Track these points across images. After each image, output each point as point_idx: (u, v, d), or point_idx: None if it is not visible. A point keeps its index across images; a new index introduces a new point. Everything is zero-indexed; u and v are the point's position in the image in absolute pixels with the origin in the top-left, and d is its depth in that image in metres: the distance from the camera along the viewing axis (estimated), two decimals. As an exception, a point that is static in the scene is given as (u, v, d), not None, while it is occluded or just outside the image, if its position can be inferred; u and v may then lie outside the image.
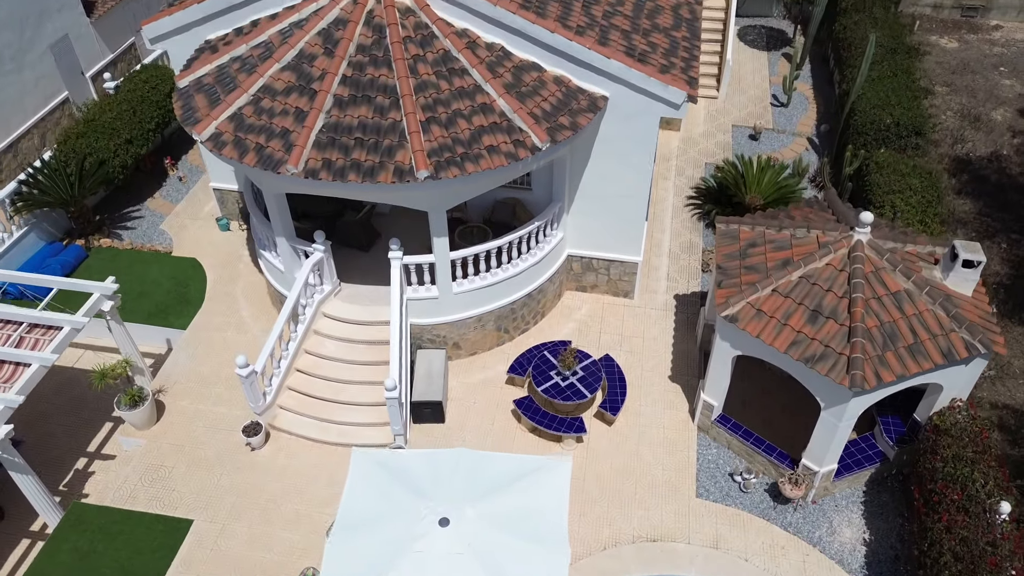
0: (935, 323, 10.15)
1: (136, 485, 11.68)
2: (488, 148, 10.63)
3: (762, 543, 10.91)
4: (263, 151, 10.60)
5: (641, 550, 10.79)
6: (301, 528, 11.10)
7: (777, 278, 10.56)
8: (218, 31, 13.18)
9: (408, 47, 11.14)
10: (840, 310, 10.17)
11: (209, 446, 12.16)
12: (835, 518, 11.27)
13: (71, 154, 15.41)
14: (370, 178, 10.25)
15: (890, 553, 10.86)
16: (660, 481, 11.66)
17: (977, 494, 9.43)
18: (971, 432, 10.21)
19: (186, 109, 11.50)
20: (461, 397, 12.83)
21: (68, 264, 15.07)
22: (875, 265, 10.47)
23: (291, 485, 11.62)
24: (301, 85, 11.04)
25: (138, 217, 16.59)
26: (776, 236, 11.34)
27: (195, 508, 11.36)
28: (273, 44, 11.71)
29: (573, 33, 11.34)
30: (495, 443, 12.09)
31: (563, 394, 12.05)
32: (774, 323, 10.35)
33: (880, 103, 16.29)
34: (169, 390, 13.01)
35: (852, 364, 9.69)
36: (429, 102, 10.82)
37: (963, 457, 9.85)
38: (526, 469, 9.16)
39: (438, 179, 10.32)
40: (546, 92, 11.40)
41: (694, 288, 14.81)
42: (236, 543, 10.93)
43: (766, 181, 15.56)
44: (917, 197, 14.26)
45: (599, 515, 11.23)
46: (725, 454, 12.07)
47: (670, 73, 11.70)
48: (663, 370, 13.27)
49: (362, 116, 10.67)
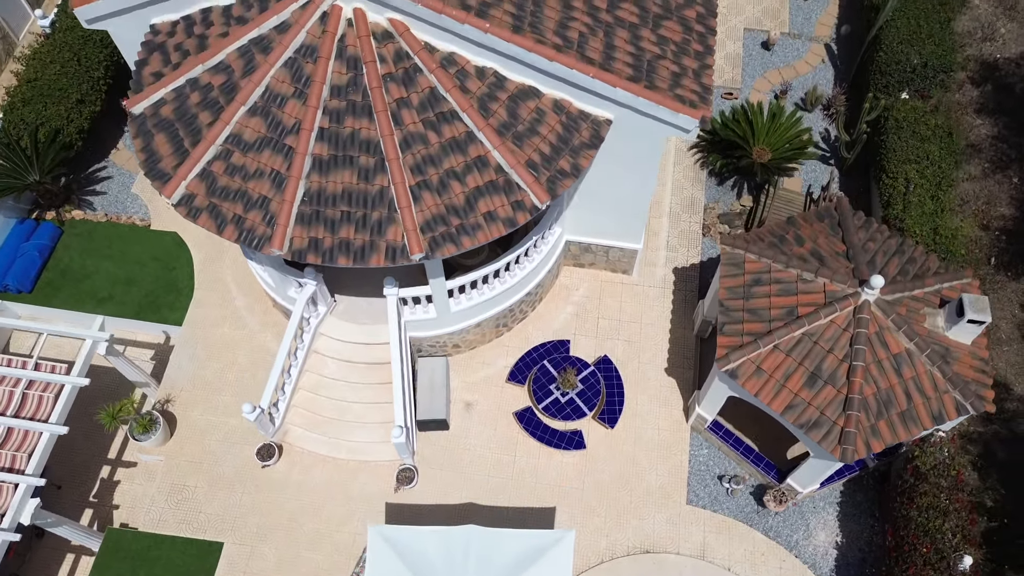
0: (930, 386, 10.33)
1: (163, 508, 12.43)
2: (485, 215, 9.91)
3: (744, 550, 12.05)
4: (242, 224, 9.85)
5: (635, 562, 11.93)
6: (323, 548, 12.08)
7: (779, 335, 10.48)
8: (164, 16, 11.45)
9: (389, 88, 9.87)
10: (839, 375, 10.27)
11: (226, 462, 12.74)
12: (812, 520, 12.32)
13: (21, 125, 14.08)
14: (361, 260, 9.68)
15: (858, 556, 12.07)
16: (654, 488, 12.52)
17: (944, 548, 10.32)
18: (948, 476, 10.86)
19: (149, 156, 10.40)
20: (463, 399, 13.20)
21: (45, 248, 14.45)
22: (880, 325, 10.37)
23: (308, 503, 12.40)
24: (273, 138, 9.93)
25: (106, 178, 15.58)
26: (782, 275, 11.02)
27: (223, 530, 12.23)
28: (234, 71, 10.29)
29: (575, 58, 10.00)
30: (499, 452, 12.71)
31: (563, 412, 12.45)
32: (773, 383, 10.48)
33: (909, 36, 14.70)
34: (176, 399, 13.27)
35: (845, 438, 10.02)
36: (418, 161, 9.85)
37: (937, 507, 10.61)
38: (532, 545, 9.85)
39: (433, 258, 9.76)
40: (545, 127, 10.33)
41: (693, 259, 14.56)
42: (266, 565, 11.96)
43: (776, 134, 14.59)
44: (933, 169, 13.55)
45: (597, 526, 12.21)
46: (716, 455, 12.81)
47: (681, 88, 10.52)
48: (660, 362, 13.54)
49: (346, 183, 9.78)
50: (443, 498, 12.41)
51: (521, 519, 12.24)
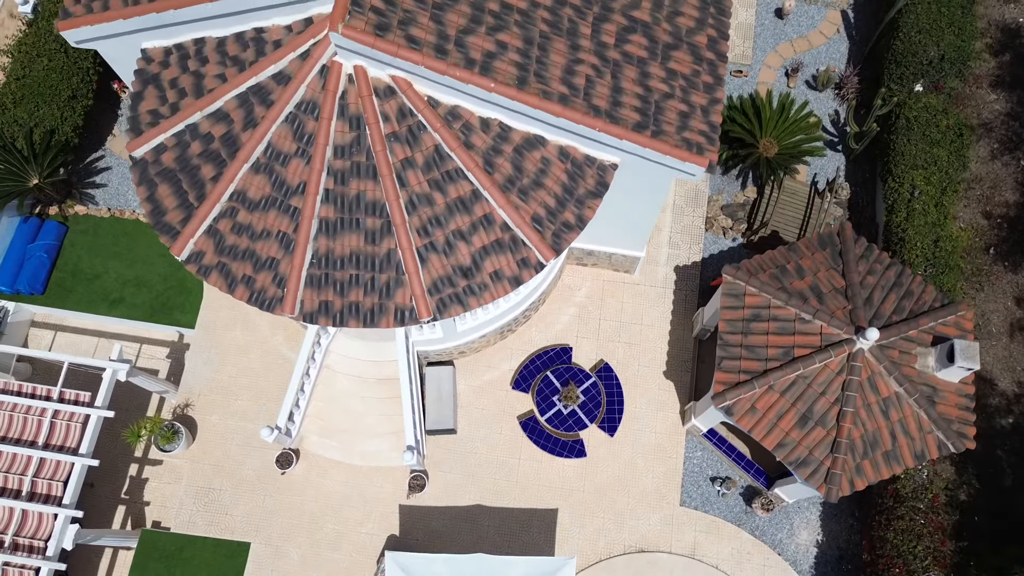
0: (915, 427, 10.87)
1: (192, 509, 13.31)
2: (492, 275, 10.06)
3: (731, 549, 13.05)
4: (253, 284, 10.01)
5: (631, 561, 12.96)
6: (343, 548, 13.07)
7: (775, 377, 10.90)
8: (155, 41, 11.04)
9: (394, 148, 9.74)
10: (829, 417, 10.79)
11: (247, 465, 13.51)
12: (796, 520, 13.25)
13: (15, 126, 13.81)
14: (371, 323, 9.93)
15: (836, 553, 13.08)
16: (650, 490, 13.36)
17: (916, 569, 11.25)
18: (925, 499, 11.63)
19: (154, 208, 10.37)
20: (470, 403, 13.81)
21: (52, 248, 14.54)
22: (872, 370, 10.77)
23: (327, 505, 13.27)
24: (277, 198, 9.91)
25: (105, 169, 15.41)
26: (781, 312, 11.28)
27: (249, 531, 13.17)
28: (234, 122, 10.09)
29: (582, 110, 9.80)
30: (504, 455, 13.46)
31: (565, 423, 13.08)
32: (766, 422, 11.02)
33: (929, 24, 14.10)
34: (195, 404, 13.86)
35: (831, 478, 10.68)
36: (424, 223, 9.88)
37: (912, 530, 11.44)
38: (537, 572, 10.76)
39: (441, 319, 10.01)
40: (550, 178, 10.27)
41: (695, 257, 14.71)
42: (291, 564, 12.99)
43: (784, 128, 14.35)
44: (940, 175, 13.47)
45: (597, 527, 13.15)
46: (709, 458, 13.57)
47: (689, 131, 10.36)
48: (659, 364, 14.03)
49: (353, 246, 9.86)
50: (452, 500, 13.28)
51: (526, 519, 13.16)
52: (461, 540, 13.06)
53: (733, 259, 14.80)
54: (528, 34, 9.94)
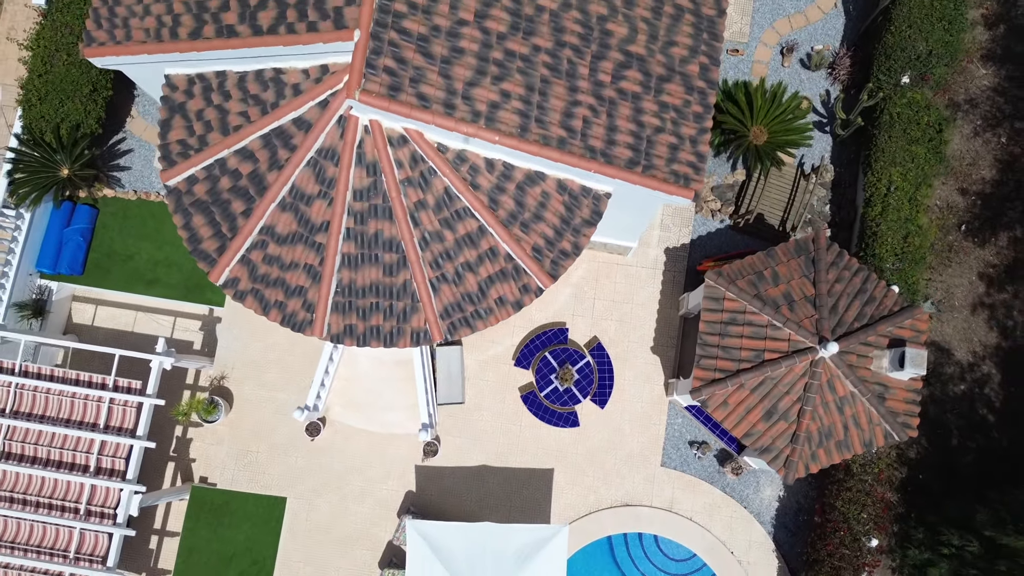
0: (866, 420, 12.48)
1: (234, 469, 15.21)
2: (496, 300, 11.32)
3: (704, 503, 15.04)
4: (284, 309, 11.30)
5: (616, 514, 14.98)
6: (367, 502, 15.06)
7: (746, 377, 12.39)
8: (177, 69, 11.74)
9: (407, 192, 10.75)
10: (791, 413, 12.38)
11: (279, 431, 15.27)
12: (761, 478, 15.16)
13: (42, 122, 14.58)
14: (391, 343, 11.30)
15: (794, 506, 15.09)
16: (635, 452, 15.19)
17: (858, 531, 13.20)
18: (873, 472, 13.42)
19: (191, 235, 11.46)
20: (476, 375, 15.39)
21: (86, 231, 15.66)
22: (831, 374, 12.24)
23: (351, 466, 15.15)
24: (303, 234, 11.02)
25: (128, 151, 16.21)
26: (755, 318, 12.60)
27: (285, 487, 15.12)
28: (259, 162, 11.02)
29: (579, 153, 10.73)
30: (506, 423, 15.19)
31: (561, 399, 14.71)
32: (736, 415, 12.61)
33: (921, 18, 14.47)
34: (230, 376, 15.45)
35: (788, 464, 12.40)
36: (436, 257, 11.04)
37: (858, 501, 13.31)
38: (536, 538, 12.70)
39: (452, 339, 11.37)
40: (549, 211, 11.32)
41: (684, 240, 15.82)
42: (323, 516, 15.03)
43: (775, 118, 15.08)
44: (916, 171, 14.36)
45: (587, 485, 15.09)
46: (688, 424, 15.30)
47: (677, 163, 11.29)
48: (647, 341, 15.50)
49: (373, 278, 11.06)
50: (461, 461, 15.14)
51: (526, 478, 15.08)
52: (470, 496, 15.04)
53: (720, 241, 15.90)
54: (529, 80, 10.67)
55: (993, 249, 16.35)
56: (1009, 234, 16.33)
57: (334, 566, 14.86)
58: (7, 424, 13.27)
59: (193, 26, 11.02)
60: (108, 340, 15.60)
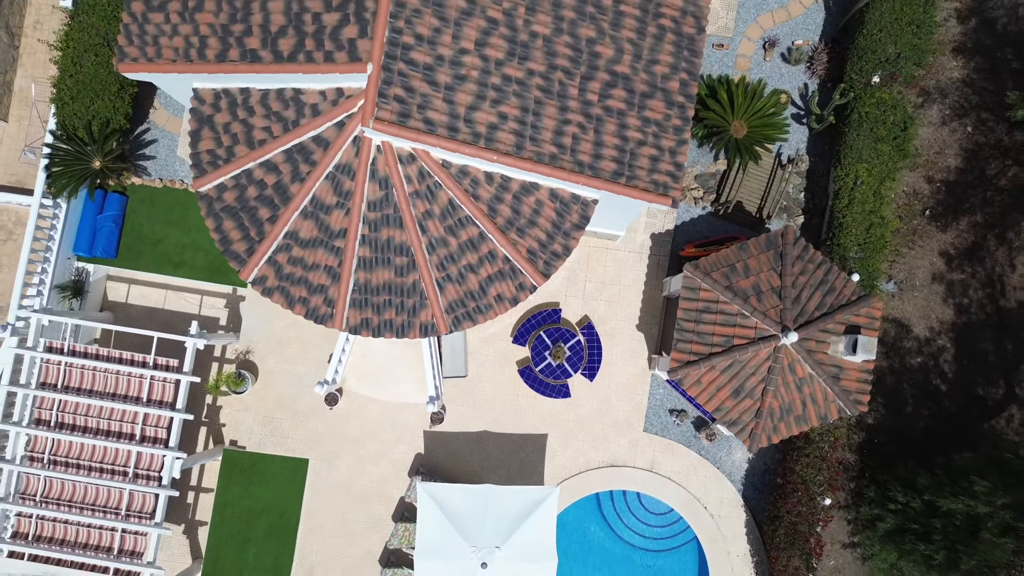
0: (822, 398, 14.10)
1: (261, 434, 16.95)
2: (495, 297, 12.78)
3: (681, 465, 16.82)
4: (308, 304, 12.77)
5: (603, 473, 16.78)
6: (381, 463, 16.85)
7: (716, 360, 13.95)
8: (204, 84, 12.93)
9: (416, 203, 12.09)
10: (756, 391, 13.99)
11: (300, 400, 16.95)
12: (733, 443, 16.90)
13: (74, 118, 15.77)
14: (402, 335, 12.82)
15: (762, 467, 16.87)
16: (621, 420, 16.90)
17: (814, 491, 15.00)
18: (829, 440, 15.12)
19: (222, 237, 12.83)
20: (477, 350, 16.98)
21: (118, 217, 17.02)
22: (792, 358, 13.80)
23: (365, 432, 16.88)
24: (323, 239, 12.40)
25: (152, 141, 17.42)
26: (727, 307, 14.08)
27: (306, 450, 16.89)
28: (283, 174, 12.32)
29: (568, 167, 12.02)
30: (505, 394, 16.85)
31: (554, 374, 16.32)
32: (708, 392, 14.22)
33: (891, 21, 15.48)
34: (254, 350, 17.05)
35: (752, 436, 14.08)
36: (441, 260, 12.45)
37: (814, 465, 15.05)
38: (531, 499, 14.48)
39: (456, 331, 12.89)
40: (542, 217, 12.67)
41: (668, 225, 17.18)
42: (341, 475, 16.84)
43: (754, 114, 16.24)
44: (880, 167, 15.62)
45: (577, 448, 16.85)
46: (668, 394, 16.96)
47: (657, 173, 12.60)
48: (632, 319, 17.02)
49: (386, 279, 12.50)
50: (465, 427, 16.87)
51: (522, 442, 16.83)
52: (472, 458, 16.81)
53: (703, 227, 17.25)
54: (524, 103, 11.88)
55: (954, 233, 17.70)
56: (970, 219, 17.66)
57: (352, 519, 16.76)
58: (59, 397, 14.91)
59: (219, 48, 12.15)
60: (141, 316, 17.19)
